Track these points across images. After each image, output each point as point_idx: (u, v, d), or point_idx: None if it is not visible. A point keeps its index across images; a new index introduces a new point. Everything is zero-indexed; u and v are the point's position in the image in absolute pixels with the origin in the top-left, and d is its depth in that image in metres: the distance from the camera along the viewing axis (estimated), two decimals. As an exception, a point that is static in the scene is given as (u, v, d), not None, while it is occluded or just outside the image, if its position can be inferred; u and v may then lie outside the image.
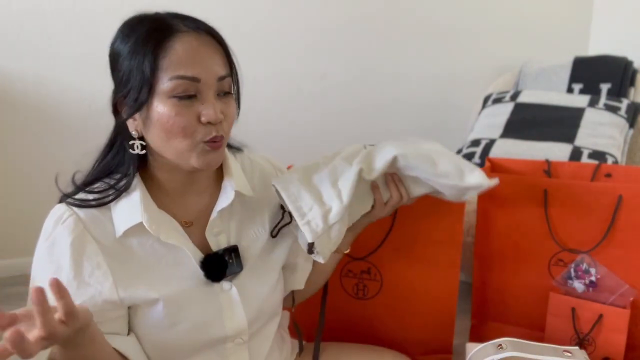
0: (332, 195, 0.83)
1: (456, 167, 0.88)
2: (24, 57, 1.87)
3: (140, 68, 0.68)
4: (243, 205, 0.84)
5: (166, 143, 0.71)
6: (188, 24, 0.71)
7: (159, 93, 0.69)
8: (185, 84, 0.68)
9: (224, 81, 0.72)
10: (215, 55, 0.71)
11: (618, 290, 1.09)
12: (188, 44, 0.69)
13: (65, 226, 0.71)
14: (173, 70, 0.68)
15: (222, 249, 0.78)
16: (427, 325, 1.15)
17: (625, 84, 2.04)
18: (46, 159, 1.96)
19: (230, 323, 0.77)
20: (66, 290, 0.55)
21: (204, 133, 0.70)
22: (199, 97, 0.70)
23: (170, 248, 0.75)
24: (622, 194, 1.09)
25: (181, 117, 0.69)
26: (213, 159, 0.73)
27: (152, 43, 0.68)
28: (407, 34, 2.43)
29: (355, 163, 0.86)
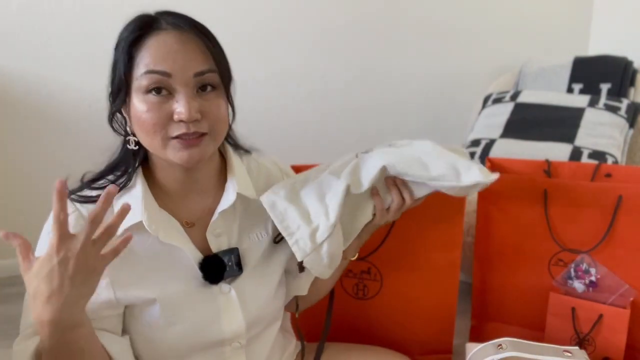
0: (319, 213, 0.81)
1: (451, 168, 0.85)
2: (24, 57, 1.87)
3: (118, 65, 0.70)
4: (246, 208, 0.83)
5: (144, 138, 0.72)
6: (171, 21, 0.71)
7: (135, 90, 0.70)
8: (156, 78, 0.68)
9: (203, 77, 0.71)
10: (194, 52, 0.70)
11: (618, 290, 1.09)
12: (162, 41, 0.69)
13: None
14: (145, 65, 0.69)
15: (221, 250, 0.78)
16: (427, 325, 1.15)
17: (625, 84, 2.04)
18: (46, 159, 1.96)
19: (228, 326, 0.77)
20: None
21: (175, 130, 0.70)
22: (173, 94, 0.70)
23: (170, 248, 0.74)
24: (622, 194, 1.09)
25: (152, 113, 0.69)
26: (190, 155, 0.71)
27: (130, 40, 0.69)
28: (407, 34, 2.43)
29: (343, 177, 0.83)
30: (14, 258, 2.13)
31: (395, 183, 0.87)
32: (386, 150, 0.88)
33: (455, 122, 2.52)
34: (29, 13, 1.84)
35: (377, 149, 0.90)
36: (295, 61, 2.27)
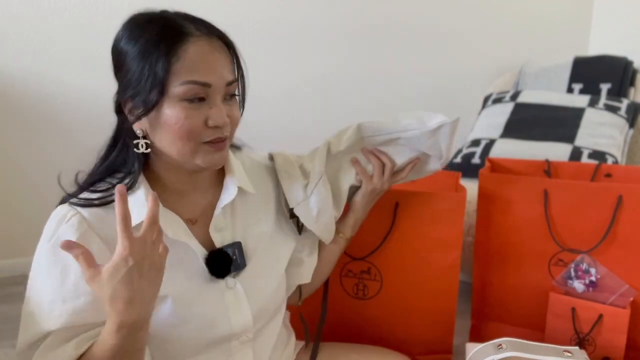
0: (311, 169, 0.91)
1: (417, 117, 0.92)
2: (24, 57, 1.87)
3: (152, 70, 0.68)
4: (246, 202, 0.84)
5: (171, 144, 0.72)
6: (200, 27, 0.71)
7: (169, 96, 0.69)
8: (196, 88, 0.69)
9: (231, 86, 0.74)
10: (225, 60, 0.73)
11: (618, 290, 1.09)
12: (201, 49, 0.70)
13: (69, 225, 0.70)
14: (186, 74, 0.68)
15: (225, 245, 0.79)
16: (427, 326, 1.15)
17: (625, 84, 2.04)
18: (46, 159, 1.96)
19: (236, 320, 0.77)
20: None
21: (209, 135, 0.72)
22: (207, 101, 0.71)
23: (176, 246, 0.74)
24: (622, 194, 1.09)
25: (190, 120, 0.70)
26: (217, 158, 0.74)
27: (165, 45, 0.68)
28: (408, 34, 2.43)
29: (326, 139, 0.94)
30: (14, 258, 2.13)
31: (371, 151, 0.94)
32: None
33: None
34: (29, 13, 1.84)
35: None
36: (295, 62, 2.27)
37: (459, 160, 1.92)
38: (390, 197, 1.10)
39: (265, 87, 2.23)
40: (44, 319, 0.69)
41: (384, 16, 2.37)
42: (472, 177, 1.55)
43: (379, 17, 2.36)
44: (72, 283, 0.69)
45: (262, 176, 0.90)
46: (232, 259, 0.78)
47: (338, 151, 0.94)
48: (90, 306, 0.69)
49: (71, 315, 0.69)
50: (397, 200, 1.10)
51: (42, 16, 1.86)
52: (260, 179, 0.89)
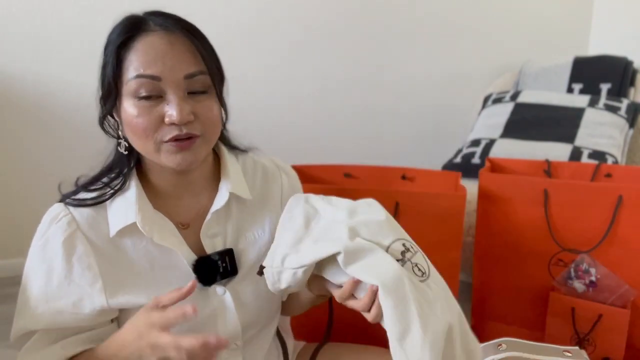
0: (304, 248, 0.74)
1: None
2: (24, 57, 1.87)
3: (107, 69, 0.69)
4: (242, 208, 0.82)
5: (135, 143, 0.71)
6: (159, 22, 0.69)
7: (125, 94, 0.69)
8: (145, 82, 0.67)
9: (194, 79, 0.69)
10: (184, 54, 0.69)
11: (618, 290, 1.09)
12: (150, 44, 0.68)
13: (58, 226, 0.71)
14: (134, 70, 0.67)
15: (215, 252, 0.77)
16: (427, 325, 1.14)
17: (625, 84, 2.04)
18: (46, 158, 1.96)
19: (223, 328, 0.76)
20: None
21: (167, 133, 0.68)
22: (164, 97, 0.69)
23: (164, 250, 0.74)
24: (622, 194, 1.09)
25: (142, 117, 0.68)
26: (183, 158, 0.70)
27: (118, 43, 0.68)
28: (407, 34, 2.43)
29: (340, 242, 0.72)
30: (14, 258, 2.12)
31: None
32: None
33: (455, 122, 2.52)
34: (29, 13, 1.84)
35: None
36: (295, 61, 2.27)
37: (459, 160, 1.92)
38: (391, 197, 1.09)
39: (262, 85, 2.23)
40: (30, 316, 0.70)
41: (384, 16, 2.37)
42: (472, 177, 1.55)
43: (378, 17, 2.36)
44: (56, 284, 0.70)
45: (264, 180, 0.87)
46: (221, 266, 0.76)
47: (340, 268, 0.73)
48: (71, 309, 0.70)
49: (53, 315, 0.70)
50: (397, 200, 1.09)
51: (42, 16, 1.86)
52: (262, 183, 0.87)
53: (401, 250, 0.76)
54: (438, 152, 2.29)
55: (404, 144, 2.48)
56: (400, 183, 1.40)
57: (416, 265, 0.77)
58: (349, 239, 0.73)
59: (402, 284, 0.68)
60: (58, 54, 1.90)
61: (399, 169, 1.41)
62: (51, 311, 0.70)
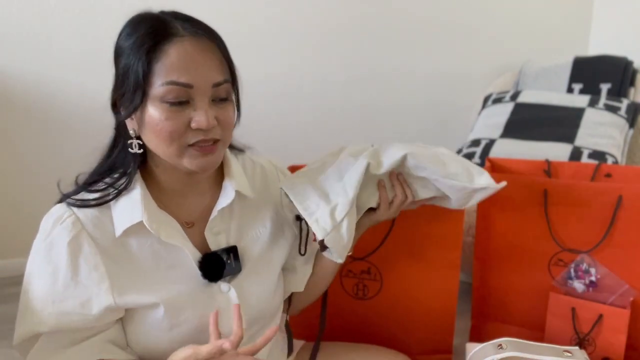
0: (338, 191, 0.82)
1: (465, 169, 0.88)
2: (24, 57, 1.87)
3: (134, 70, 0.68)
4: (244, 206, 0.83)
5: (157, 145, 0.71)
6: (187, 27, 0.70)
7: (151, 97, 0.69)
8: (177, 89, 0.68)
9: (220, 87, 0.71)
10: (213, 61, 0.71)
11: (618, 290, 1.09)
12: (183, 49, 0.68)
13: (63, 226, 0.71)
14: (165, 75, 0.67)
15: (220, 248, 0.78)
16: (427, 325, 1.15)
17: (625, 84, 2.04)
18: (46, 158, 1.96)
19: (227, 325, 0.76)
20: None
21: (192, 138, 0.70)
22: (191, 103, 0.70)
23: (170, 249, 0.74)
24: (622, 194, 1.09)
25: (170, 122, 0.68)
26: (207, 162, 0.72)
27: (148, 46, 0.67)
28: (407, 34, 2.43)
29: (363, 157, 0.85)
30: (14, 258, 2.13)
31: (399, 179, 0.90)
32: (406, 145, 0.90)
33: (456, 122, 2.52)
34: (29, 13, 1.84)
35: (394, 143, 0.92)
36: (295, 61, 2.27)
37: (459, 160, 1.92)
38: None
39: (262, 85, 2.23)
40: (36, 318, 0.70)
41: (384, 16, 2.37)
42: (472, 177, 1.55)
43: (378, 16, 2.36)
44: (62, 285, 0.70)
45: (263, 179, 0.89)
46: (226, 263, 0.77)
47: (374, 175, 0.87)
48: (79, 309, 0.70)
49: (60, 316, 0.70)
50: (397, 200, 1.10)
51: (42, 16, 1.86)
52: (261, 182, 0.88)
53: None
54: (438, 152, 2.29)
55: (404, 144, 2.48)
56: (400, 183, 1.39)
57: None
58: (372, 157, 0.86)
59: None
60: (58, 54, 1.91)
61: (399, 169, 1.40)
62: (58, 313, 0.70)
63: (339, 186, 0.83)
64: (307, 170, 0.89)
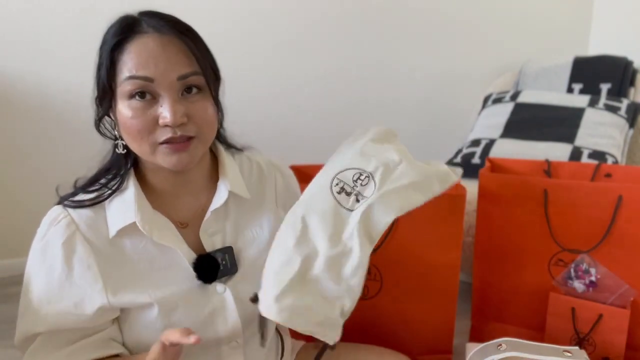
0: (340, 294, 0.73)
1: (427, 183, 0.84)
2: (24, 57, 1.87)
3: (101, 70, 0.69)
4: (240, 206, 0.83)
5: (132, 144, 0.71)
6: (152, 23, 0.70)
7: (119, 95, 0.69)
8: (138, 84, 0.67)
9: (187, 80, 0.69)
10: (177, 55, 0.69)
11: (618, 290, 1.09)
12: (143, 45, 0.68)
13: (58, 227, 0.71)
14: (127, 71, 0.68)
15: (215, 250, 0.78)
16: (427, 325, 1.15)
17: (625, 84, 2.04)
18: (46, 159, 1.96)
19: (223, 326, 0.77)
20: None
21: (162, 135, 0.69)
22: (158, 98, 0.69)
23: (164, 249, 0.74)
24: (622, 194, 1.09)
25: (136, 119, 0.68)
26: (180, 160, 0.70)
27: (111, 45, 0.69)
28: (407, 34, 2.43)
29: (356, 235, 0.73)
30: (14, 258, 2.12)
31: None
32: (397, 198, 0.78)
33: (456, 122, 2.52)
34: (28, 13, 1.84)
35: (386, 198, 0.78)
36: (294, 60, 2.27)
37: (459, 160, 1.92)
38: (390, 197, 1.09)
39: (262, 85, 2.23)
40: (32, 318, 0.71)
41: (384, 16, 2.37)
42: (472, 177, 1.55)
43: (378, 17, 2.36)
44: (56, 285, 0.70)
45: (260, 179, 0.88)
46: (222, 264, 0.77)
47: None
48: (73, 310, 0.70)
49: (56, 316, 0.70)
50: (397, 200, 1.09)
51: (42, 16, 1.86)
52: (258, 182, 0.88)
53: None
54: (438, 152, 2.29)
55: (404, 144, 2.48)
56: (400, 183, 1.39)
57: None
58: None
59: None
60: (58, 54, 1.91)
61: (399, 169, 1.40)
62: (53, 313, 0.70)
63: (340, 289, 0.73)
64: (292, 269, 0.73)
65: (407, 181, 0.80)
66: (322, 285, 0.72)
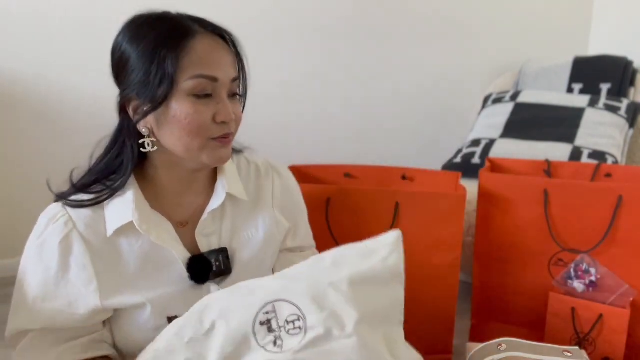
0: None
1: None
2: (24, 57, 1.86)
3: (161, 66, 0.68)
4: (236, 207, 0.83)
5: (179, 140, 0.72)
6: (204, 25, 0.73)
7: (178, 91, 0.70)
8: (204, 83, 0.70)
9: (235, 83, 0.75)
10: (229, 57, 0.74)
11: (618, 290, 1.09)
12: (207, 45, 0.71)
13: (56, 226, 0.72)
14: (194, 69, 0.69)
15: (209, 250, 0.78)
16: (427, 325, 1.15)
17: (625, 84, 2.04)
18: (46, 159, 1.96)
19: None
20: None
21: (217, 131, 0.73)
22: (214, 96, 0.72)
23: (160, 249, 0.74)
24: (622, 194, 1.09)
25: (199, 115, 0.71)
26: (225, 154, 0.75)
27: (174, 42, 0.69)
28: (407, 34, 2.43)
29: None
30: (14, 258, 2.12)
31: None
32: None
33: (455, 122, 2.52)
34: (28, 13, 1.84)
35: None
36: (293, 60, 2.27)
37: (459, 160, 1.92)
38: (390, 197, 1.10)
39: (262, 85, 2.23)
40: (26, 315, 0.71)
41: (383, 15, 2.37)
42: (472, 177, 1.55)
43: (378, 17, 2.36)
44: (53, 284, 0.71)
45: (257, 180, 0.89)
46: (215, 265, 0.77)
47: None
48: (67, 309, 0.70)
49: (49, 315, 0.70)
50: (397, 200, 1.10)
51: (42, 16, 1.86)
52: (255, 183, 0.88)
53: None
54: (438, 152, 2.29)
55: (404, 144, 2.48)
56: (400, 183, 1.40)
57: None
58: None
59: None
60: (58, 54, 1.90)
61: (399, 169, 1.41)
62: (47, 311, 0.70)
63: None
64: None
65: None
66: None
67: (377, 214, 1.10)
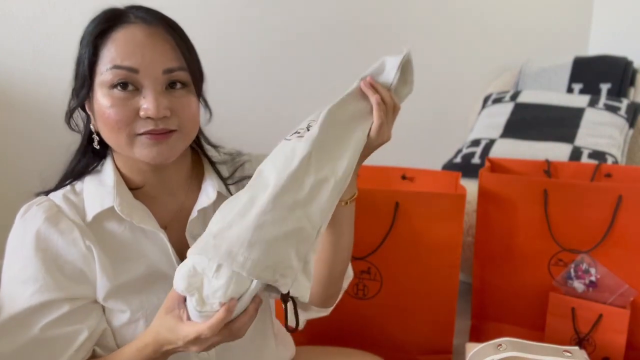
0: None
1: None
2: (24, 57, 1.86)
3: (83, 59, 0.68)
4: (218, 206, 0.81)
5: (108, 135, 0.69)
6: (139, 14, 0.69)
7: (99, 84, 0.67)
8: (122, 74, 0.66)
9: (172, 74, 0.68)
10: (164, 47, 0.68)
11: (618, 290, 1.09)
12: (131, 35, 0.67)
13: (40, 207, 0.72)
14: (111, 60, 0.66)
15: None
16: (427, 325, 1.15)
17: (625, 84, 2.04)
18: (46, 159, 1.96)
19: None
20: None
21: (141, 126, 0.67)
22: (141, 90, 0.67)
23: (142, 236, 0.72)
24: (622, 194, 1.09)
25: (116, 108, 0.66)
26: (159, 151, 0.68)
27: (96, 34, 0.67)
28: (407, 34, 2.43)
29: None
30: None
31: (368, 85, 0.81)
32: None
33: (456, 122, 2.52)
34: (28, 13, 1.84)
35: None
36: (293, 60, 2.27)
37: (459, 160, 1.92)
38: (390, 197, 1.10)
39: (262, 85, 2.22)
40: (12, 300, 0.69)
41: (382, 15, 2.37)
42: (472, 177, 1.55)
43: (378, 17, 2.36)
44: (34, 269, 0.69)
45: (244, 180, 0.84)
46: None
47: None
48: (45, 288, 0.68)
49: (31, 296, 0.68)
50: (397, 200, 1.10)
51: (42, 16, 1.86)
52: (242, 183, 0.83)
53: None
54: (438, 152, 2.28)
55: (404, 144, 2.48)
56: (400, 183, 1.40)
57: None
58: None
59: None
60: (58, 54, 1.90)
61: (399, 169, 1.41)
62: (28, 292, 0.68)
63: (294, 216, 0.63)
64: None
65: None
66: (270, 216, 0.61)
67: (377, 214, 1.09)
